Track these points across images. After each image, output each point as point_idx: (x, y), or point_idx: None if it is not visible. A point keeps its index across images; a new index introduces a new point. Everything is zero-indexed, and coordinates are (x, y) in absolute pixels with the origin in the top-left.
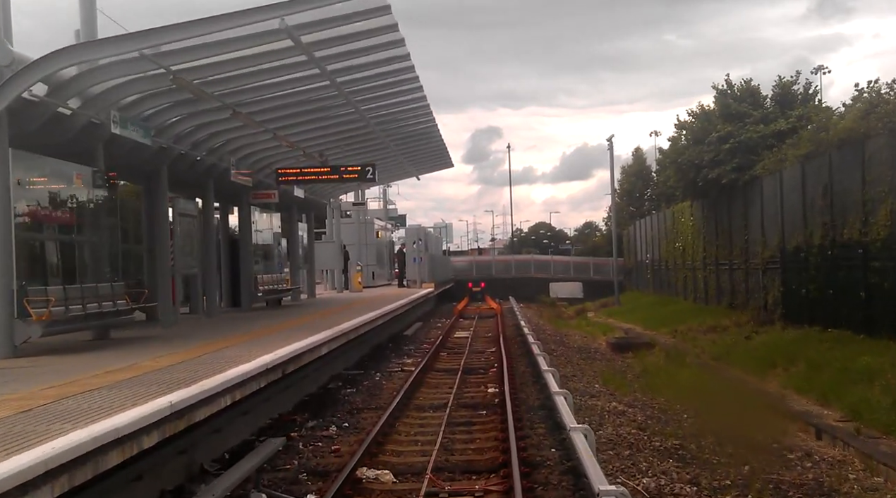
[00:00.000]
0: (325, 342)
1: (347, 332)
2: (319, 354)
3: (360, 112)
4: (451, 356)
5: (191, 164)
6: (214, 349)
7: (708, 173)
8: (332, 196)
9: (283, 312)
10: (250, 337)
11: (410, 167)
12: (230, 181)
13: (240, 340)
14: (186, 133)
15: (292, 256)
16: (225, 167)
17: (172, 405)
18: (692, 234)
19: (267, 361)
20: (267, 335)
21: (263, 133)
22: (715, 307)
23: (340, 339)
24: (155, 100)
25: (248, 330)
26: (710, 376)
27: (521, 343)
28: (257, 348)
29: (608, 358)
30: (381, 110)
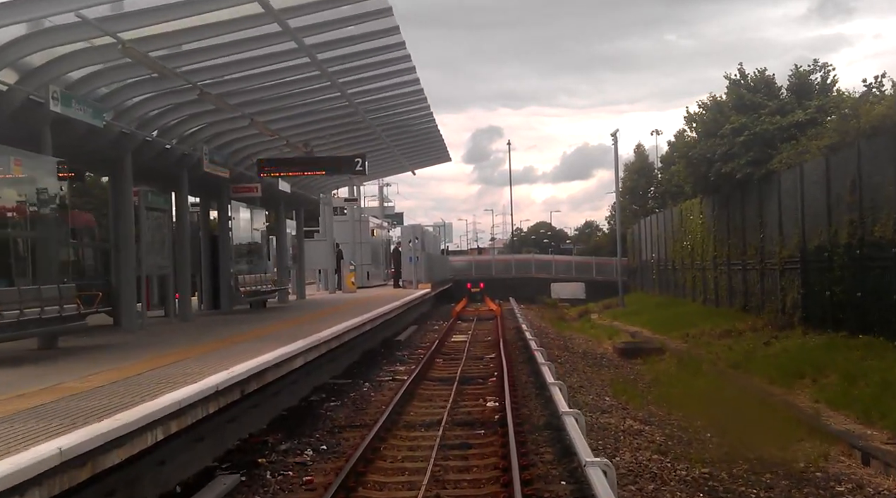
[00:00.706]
0: (300, 353)
1: (327, 340)
2: (292, 368)
3: (347, 98)
4: (448, 363)
5: (159, 152)
6: (165, 364)
7: (721, 168)
8: (323, 191)
9: (266, 316)
10: (215, 346)
11: (405, 161)
12: (206, 173)
13: (201, 351)
14: (152, 117)
15: (280, 255)
16: (199, 157)
17: (62, 452)
18: (702, 233)
19: (217, 381)
20: (235, 344)
21: (240, 119)
22: (727, 309)
23: (320, 348)
24: (109, 76)
25: (217, 337)
26: (730, 387)
27: (522, 348)
28: (215, 362)
29: (616, 365)
30: (373, 98)
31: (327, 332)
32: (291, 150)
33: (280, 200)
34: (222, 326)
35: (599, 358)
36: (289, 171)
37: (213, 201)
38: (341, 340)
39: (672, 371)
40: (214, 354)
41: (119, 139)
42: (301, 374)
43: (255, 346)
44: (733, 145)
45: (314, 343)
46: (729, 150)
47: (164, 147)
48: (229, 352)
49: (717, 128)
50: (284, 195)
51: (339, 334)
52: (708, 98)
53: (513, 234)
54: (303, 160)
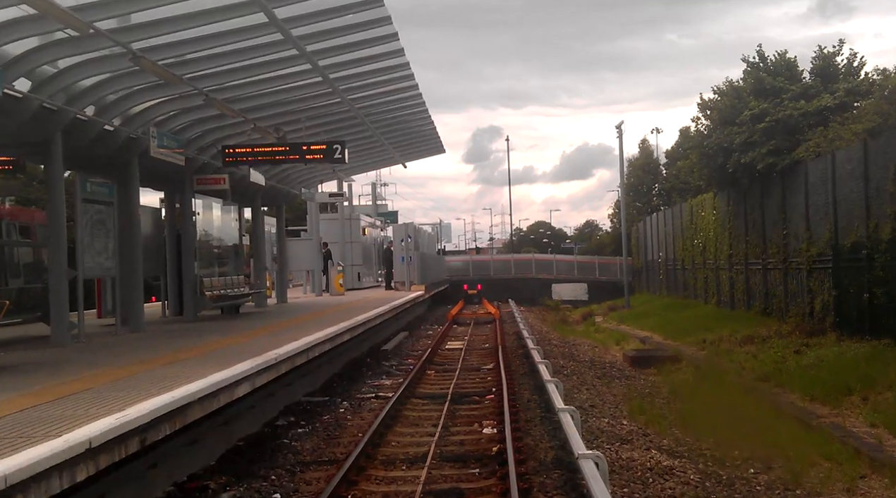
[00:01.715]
0: (246, 377)
1: (290, 356)
2: (233, 397)
3: (326, 78)
4: (440, 376)
5: (99, 134)
6: (53, 398)
7: (739, 158)
8: (306, 186)
9: (233, 324)
10: (142, 368)
11: (396, 153)
12: (163, 162)
13: (118, 375)
14: (84, 90)
15: (256, 256)
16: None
17: None
18: (715, 230)
19: (95, 432)
20: (171, 365)
21: (193, 96)
22: (744, 313)
23: (279, 367)
24: (11, 32)
25: (156, 354)
26: (763, 405)
27: (522, 356)
28: (121, 395)
29: (627, 375)
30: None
31: (289, 347)
32: (262, 136)
33: (256, 195)
34: (173, 339)
35: (608, 367)
36: (258, 158)
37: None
38: (309, 356)
39: (691, 383)
40: (132, 380)
41: (41, 116)
42: (266, 394)
43: (190, 368)
44: (753, 133)
45: (267, 363)
46: (748, 139)
47: (102, 127)
48: (153, 377)
49: (735, 115)
50: (260, 189)
51: (304, 349)
52: (724, 83)
53: (512, 234)
54: (273, 147)
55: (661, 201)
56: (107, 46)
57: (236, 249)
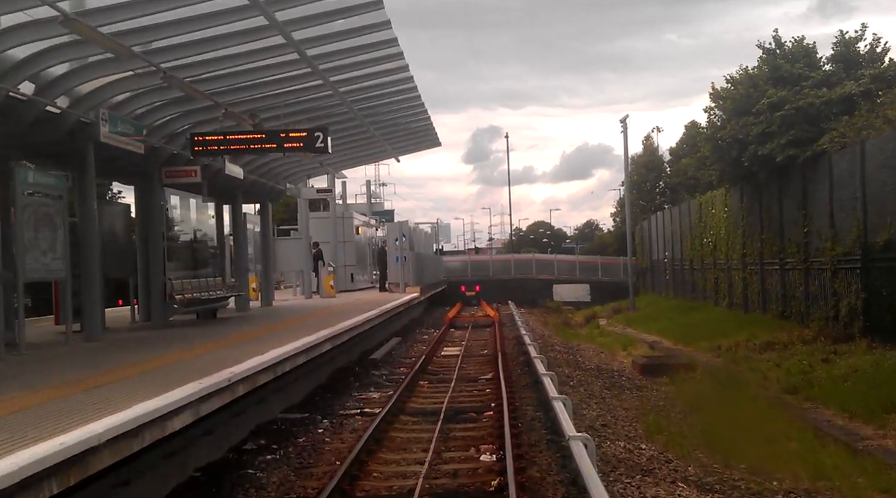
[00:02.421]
0: (178, 408)
1: (249, 376)
2: (141, 446)
3: (306, 58)
4: (433, 387)
5: (42, 117)
6: None
7: (756, 150)
8: (292, 180)
9: (204, 332)
10: (57, 394)
11: (388, 145)
12: (130, 152)
13: (11, 409)
14: (18, 63)
15: (238, 255)
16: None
17: None
18: (726, 228)
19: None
20: (96, 389)
21: (151, 75)
22: (759, 316)
23: (234, 388)
24: None
25: (93, 371)
26: (795, 422)
27: (524, 364)
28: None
29: (638, 385)
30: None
31: (252, 363)
32: (237, 124)
33: (237, 190)
34: (126, 350)
35: (617, 376)
36: (231, 147)
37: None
38: (277, 372)
39: (710, 395)
40: (31, 414)
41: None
42: (238, 410)
43: (118, 394)
44: (771, 123)
45: (217, 386)
46: (766, 129)
47: (44, 108)
48: (63, 409)
49: (751, 104)
50: (240, 184)
51: (272, 363)
52: (738, 72)
53: (511, 233)
54: (248, 135)
55: (666, 199)
56: (42, 13)
57: (213, 249)
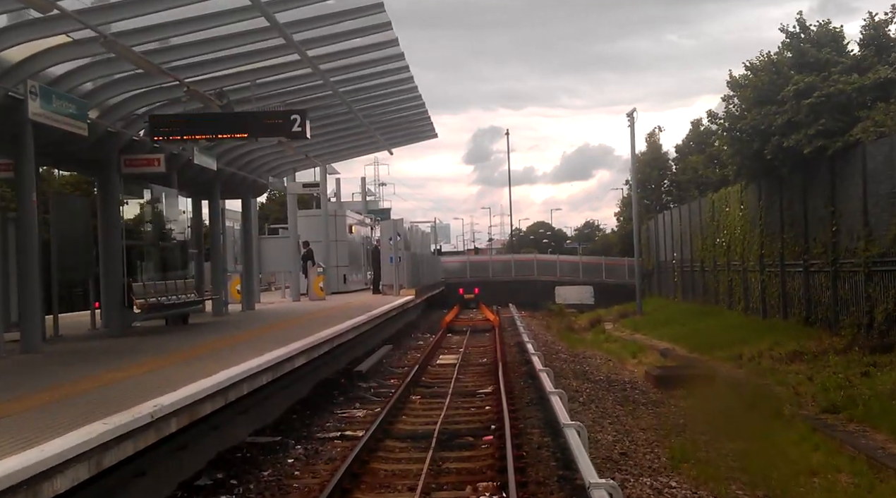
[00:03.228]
0: (41, 474)
1: (161, 415)
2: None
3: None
4: (426, 404)
5: None
6: None
7: (780, 142)
8: (275, 173)
9: (162, 342)
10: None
11: (379, 136)
12: (70, 135)
13: None
14: None
15: (214, 255)
16: None
17: None
18: (742, 227)
19: None
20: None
21: (91, 42)
22: (779, 322)
23: (120, 445)
24: None
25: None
26: (842, 449)
27: (527, 375)
28: None
29: (654, 400)
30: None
31: (189, 390)
32: (205, 106)
33: (213, 184)
34: (54, 366)
35: (629, 389)
36: (195, 132)
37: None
38: (228, 397)
39: (737, 414)
40: None
41: None
42: (202, 431)
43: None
44: (798, 112)
45: (118, 431)
46: (792, 119)
47: None
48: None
49: (775, 92)
50: (216, 176)
51: (219, 389)
52: (758, 58)
53: (513, 231)
54: (215, 118)
55: (672, 198)
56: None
57: (183, 248)
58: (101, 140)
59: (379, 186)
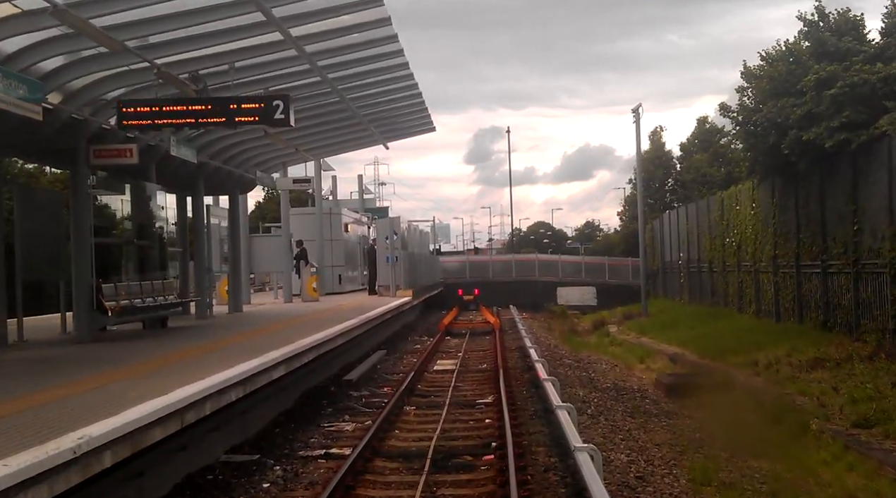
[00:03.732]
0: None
1: (80, 455)
2: None
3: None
4: (421, 416)
5: None
6: None
7: (799, 135)
8: (263, 168)
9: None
10: None
11: (373, 129)
12: (25, 120)
13: None
14: None
15: (197, 254)
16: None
17: None
18: (754, 226)
19: None
20: None
21: (38, 14)
22: (794, 326)
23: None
24: None
25: None
26: (881, 471)
27: (530, 383)
28: None
29: (666, 411)
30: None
31: (135, 412)
32: (182, 91)
33: (196, 179)
34: None
35: (639, 398)
36: (168, 119)
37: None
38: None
39: (759, 428)
40: None
41: None
42: (172, 448)
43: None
44: (819, 103)
45: (34, 470)
46: (812, 110)
47: None
48: None
49: (793, 83)
50: (198, 170)
51: (173, 411)
52: (774, 48)
53: (513, 232)
54: (190, 104)
55: (676, 197)
56: None
57: (163, 246)
58: (66, 128)
59: (378, 186)
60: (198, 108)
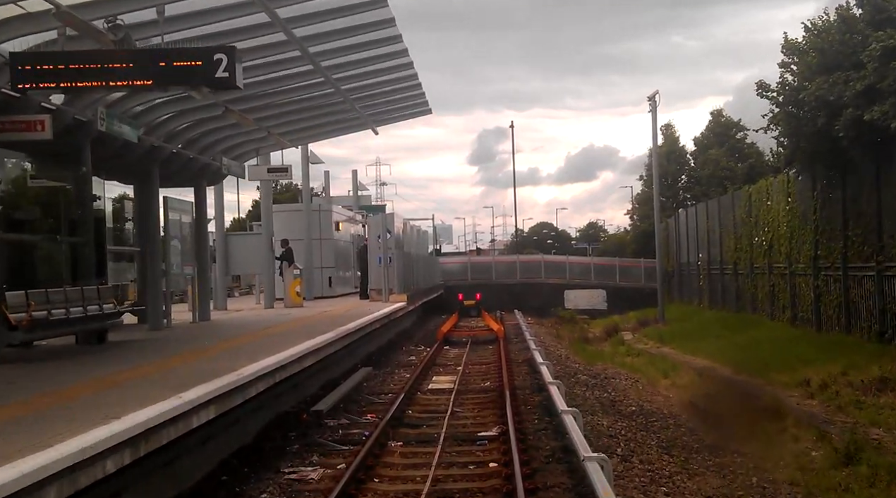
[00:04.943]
0: None
1: None
2: None
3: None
4: (409, 455)
5: None
6: None
7: (858, 114)
8: (231, 154)
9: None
10: None
11: (360, 110)
12: None
13: None
14: None
15: (149, 255)
16: None
17: None
18: (789, 223)
19: None
20: None
21: None
22: (841, 336)
23: None
24: None
25: None
26: None
27: (542, 408)
28: None
29: (708, 444)
30: None
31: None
32: (99, 42)
33: (148, 165)
34: None
35: (672, 425)
36: (77, 79)
37: None
38: None
39: (826, 469)
40: None
41: None
42: None
43: None
44: (884, 77)
45: None
46: (876, 84)
47: None
48: None
49: (847, 54)
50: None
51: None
52: (821, 17)
53: (516, 232)
54: (105, 59)
55: (691, 194)
56: None
57: (99, 245)
58: None
59: (380, 186)
60: (116, 65)
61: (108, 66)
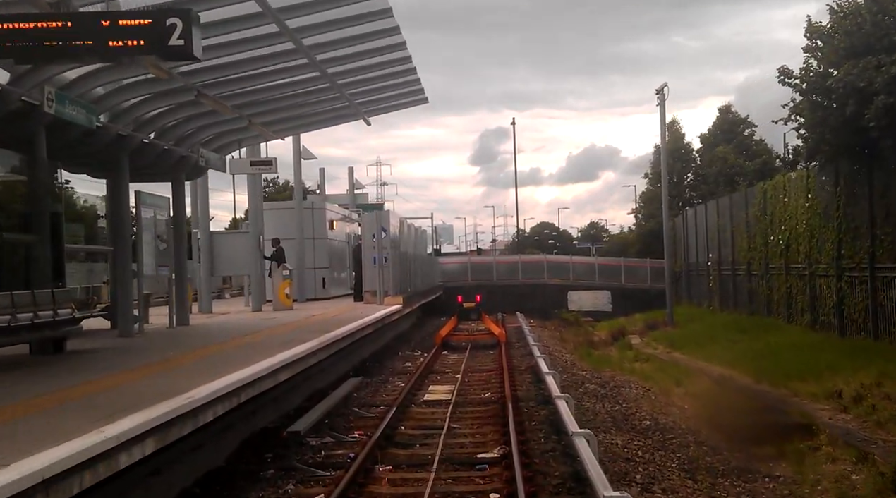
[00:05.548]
0: None
1: None
2: None
3: None
4: (397, 486)
5: None
6: None
7: (891, 100)
8: (210, 145)
9: None
10: None
11: (350, 99)
12: None
13: None
14: None
15: (118, 254)
16: None
17: None
18: (808, 221)
19: None
20: None
21: None
22: (868, 342)
23: None
24: None
25: None
26: None
27: (549, 423)
28: None
29: (734, 466)
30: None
31: None
32: (37, 6)
33: (117, 155)
34: None
35: (692, 443)
36: (5, 50)
37: None
38: None
39: None
40: None
41: None
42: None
43: None
44: None
45: None
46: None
47: None
48: None
49: (879, 37)
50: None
51: None
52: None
53: (518, 231)
54: (41, 22)
55: (699, 193)
56: None
57: (55, 244)
58: None
59: (380, 186)
60: (52, 25)
61: (41, 28)
